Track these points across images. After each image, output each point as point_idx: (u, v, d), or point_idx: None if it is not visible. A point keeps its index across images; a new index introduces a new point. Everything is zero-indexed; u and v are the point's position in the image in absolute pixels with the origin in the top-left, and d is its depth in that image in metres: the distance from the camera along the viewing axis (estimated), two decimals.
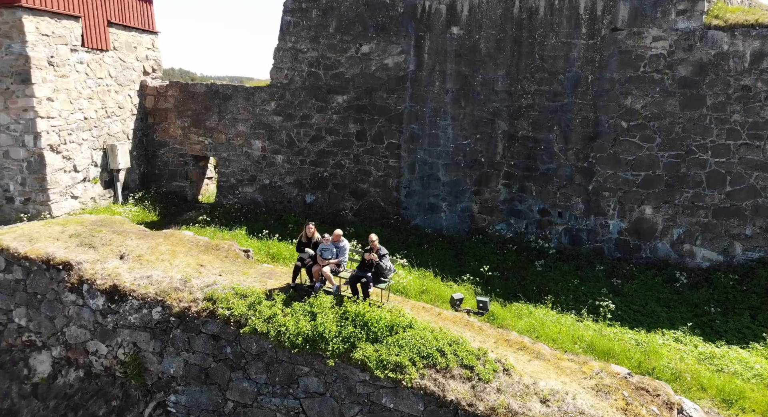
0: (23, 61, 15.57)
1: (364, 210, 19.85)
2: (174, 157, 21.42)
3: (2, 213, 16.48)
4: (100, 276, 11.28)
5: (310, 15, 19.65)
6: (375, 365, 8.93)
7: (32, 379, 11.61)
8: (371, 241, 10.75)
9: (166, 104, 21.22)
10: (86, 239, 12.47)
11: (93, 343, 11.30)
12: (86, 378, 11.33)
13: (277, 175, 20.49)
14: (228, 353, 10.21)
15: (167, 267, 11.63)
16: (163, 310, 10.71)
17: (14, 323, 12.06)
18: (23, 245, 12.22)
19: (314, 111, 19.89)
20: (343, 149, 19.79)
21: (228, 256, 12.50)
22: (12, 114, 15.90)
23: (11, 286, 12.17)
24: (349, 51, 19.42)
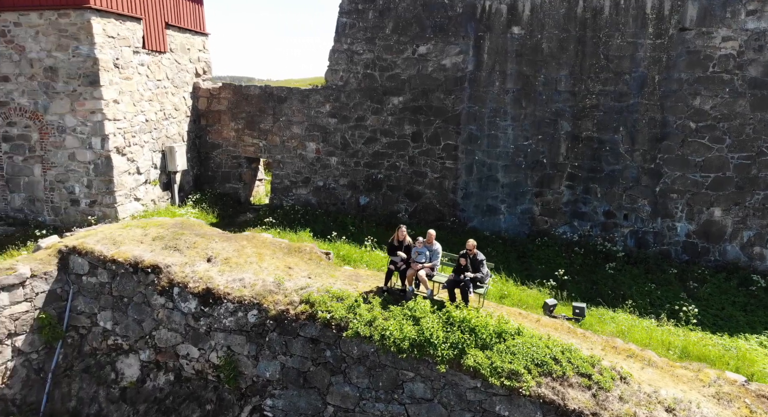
0: (91, 63, 15.60)
1: (419, 212, 19.69)
2: (227, 159, 21.41)
3: (67, 215, 16.52)
4: (192, 279, 11.22)
5: (366, 16, 19.55)
6: (489, 373, 8.77)
7: (120, 383, 11.59)
8: (468, 246, 10.58)
9: (220, 106, 21.21)
10: (170, 242, 12.44)
11: (184, 346, 11.25)
12: (176, 382, 11.29)
13: (331, 177, 20.40)
14: (328, 357, 10.10)
15: (257, 270, 11.56)
16: (259, 313, 10.62)
17: (99, 327, 12.05)
18: (108, 248, 12.21)
19: (369, 113, 19.78)
20: (398, 151, 19.66)
21: (311, 258, 12.40)
22: (79, 116, 15.93)
23: (95, 290, 12.16)
24: (406, 52, 19.29)
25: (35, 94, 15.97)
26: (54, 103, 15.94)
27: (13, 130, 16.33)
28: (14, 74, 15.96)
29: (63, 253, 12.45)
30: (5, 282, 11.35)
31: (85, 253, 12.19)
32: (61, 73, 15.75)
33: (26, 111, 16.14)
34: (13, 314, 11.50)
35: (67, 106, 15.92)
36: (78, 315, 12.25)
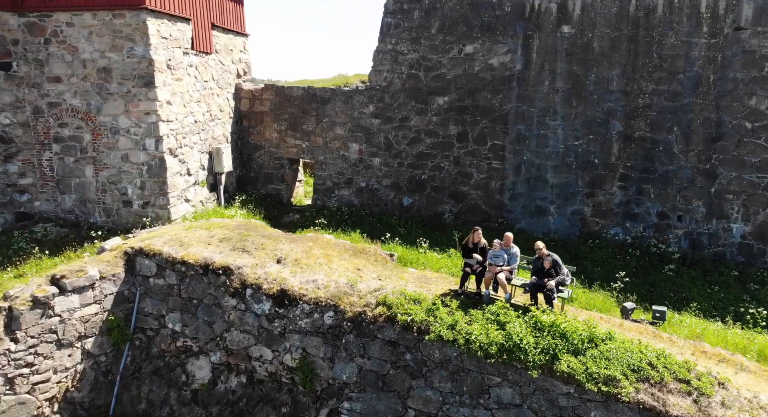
0: (146, 65, 15.58)
1: (465, 213, 19.53)
2: (269, 160, 21.35)
3: (119, 216, 16.52)
4: (265, 280, 11.14)
5: (411, 16, 19.42)
6: (584, 378, 8.61)
7: (191, 385, 11.53)
8: (538, 249, 10.41)
9: (262, 107, 21.16)
10: (238, 243, 12.37)
11: (257, 348, 11.17)
12: (249, 384, 11.21)
13: (373, 177, 20.28)
14: (408, 360, 9.98)
15: (328, 271, 11.46)
16: (335, 314, 10.52)
17: (167, 328, 12.00)
18: (176, 250, 12.16)
19: (413, 113, 19.65)
20: (443, 151, 19.51)
21: (377, 260, 12.29)
22: (133, 117, 15.92)
23: (163, 291, 12.12)
24: (452, 52, 19.14)
25: (88, 95, 15.98)
26: (107, 104, 15.94)
27: (64, 131, 16.35)
28: (66, 75, 15.97)
29: (129, 254, 12.43)
30: (76, 284, 11.32)
31: (153, 254, 12.14)
32: (115, 74, 15.74)
33: (78, 112, 16.15)
34: (83, 316, 11.48)
35: (121, 107, 15.91)
36: (145, 317, 12.21)
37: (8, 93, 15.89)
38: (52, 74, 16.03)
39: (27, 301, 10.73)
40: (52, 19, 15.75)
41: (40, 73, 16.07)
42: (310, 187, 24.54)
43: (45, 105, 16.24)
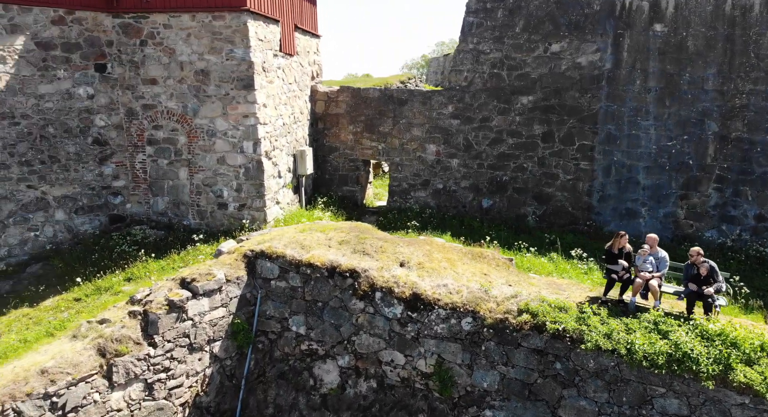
0: (246, 67, 15.54)
1: (549, 215, 19.21)
2: (344, 162, 21.24)
3: (213, 219, 16.53)
4: (396, 284, 10.99)
5: (495, 15, 19.16)
6: (764, 389, 8.29)
7: (320, 389, 11.42)
8: (694, 255, 10.08)
9: (338, 109, 21.06)
10: (357, 246, 12.25)
11: (387, 352, 11.03)
12: (380, 389, 11.07)
13: (451, 179, 20.06)
14: (558, 369, 9.74)
15: (455, 275, 11.27)
16: (474, 321, 10.33)
17: (291, 331, 11.92)
18: (298, 252, 12.08)
19: (495, 113, 19.38)
20: (526, 152, 19.21)
21: (499, 264, 12.08)
22: (231, 120, 15.90)
23: (286, 294, 12.04)
24: (537, 50, 18.84)
25: (184, 97, 15.99)
26: (204, 106, 15.94)
27: (158, 134, 16.40)
28: (162, 77, 16.00)
29: (249, 257, 12.37)
30: (207, 288, 11.29)
31: (276, 257, 12.06)
32: (213, 77, 15.73)
33: (174, 114, 16.18)
34: (212, 320, 11.44)
35: (218, 110, 15.89)
36: (267, 320, 12.15)
37: (103, 95, 15.97)
38: (148, 76, 16.06)
39: (163, 305, 10.72)
40: (149, 20, 15.77)
41: (134, 75, 16.12)
42: (377, 188, 24.45)
43: (139, 107, 16.30)
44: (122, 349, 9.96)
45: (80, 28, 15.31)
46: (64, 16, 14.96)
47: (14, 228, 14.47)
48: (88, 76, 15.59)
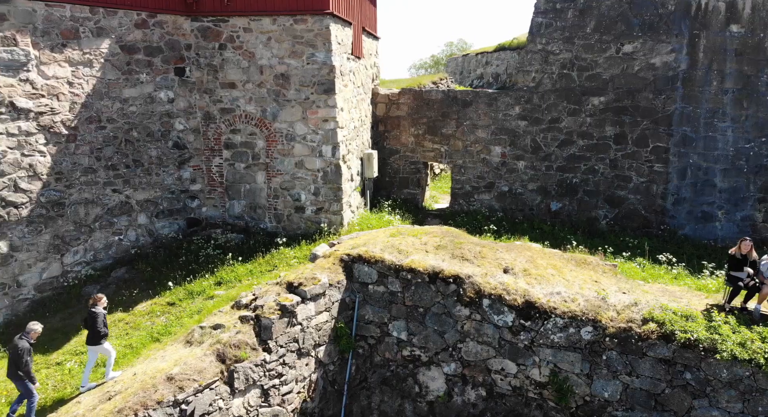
0: (327, 71, 15.47)
1: (621, 218, 18.91)
2: (405, 164, 21.11)
3: (290, 222, 16.50)
4: (505, 291, 10.83)
5: (564, 16, 18.92)
6: None
7: (426, 397, 11.30)
8: None
9: (399, 112, 20.93)
10: (455, 251, 12.11)
11: (497, 360, 10.87)
12: (489, 397, 10.92)
13: (518, 181, 19.84)
14: (688, 379, 9.52)
15: (565, 283, 11.09)
16: (594, 330, 10.13)
17: (392, 337, 11.81)
18: (396, 257, 11.96)
19: (565, 114, 19.13)
20: (598, 153, 18.94)
21: (605, 271, 11.87)
22: (310, 124, 15.84)
23: (385, 299, 11.93)
24: (609, 51, 18.56)
25: (264, 101, 15.97)
26: (284, 110, 15.90)
27: (236, 138, 16.39)
28: (241, 81, 15.99)
29: (345, 261, 12.29)
30: (313, 292, 11.22)
31: (374, 261, 11.96)
32: (293, 81, 15.68)
33: (252, 118, 16.17)
34: (317, 324, 11.37)
35: (298, 114, 15.84)
36: (366, 324, 12.06)
37: (182, 99, 16.01)
38: (227, 80, 16.05)
39: (275, 309, 10.66)
40: (228, 24, 15.76)
41: (213, 79, 16.13)
42: (433, 191, 24.29)
43: (217, 111, 16.30)
44: (242, 355, 9.91)
45: (161, 32, 15.35)
46: (146, 20, 15.01)
47: (100, 232, 14.54)
48: (168, 80, 15.64)
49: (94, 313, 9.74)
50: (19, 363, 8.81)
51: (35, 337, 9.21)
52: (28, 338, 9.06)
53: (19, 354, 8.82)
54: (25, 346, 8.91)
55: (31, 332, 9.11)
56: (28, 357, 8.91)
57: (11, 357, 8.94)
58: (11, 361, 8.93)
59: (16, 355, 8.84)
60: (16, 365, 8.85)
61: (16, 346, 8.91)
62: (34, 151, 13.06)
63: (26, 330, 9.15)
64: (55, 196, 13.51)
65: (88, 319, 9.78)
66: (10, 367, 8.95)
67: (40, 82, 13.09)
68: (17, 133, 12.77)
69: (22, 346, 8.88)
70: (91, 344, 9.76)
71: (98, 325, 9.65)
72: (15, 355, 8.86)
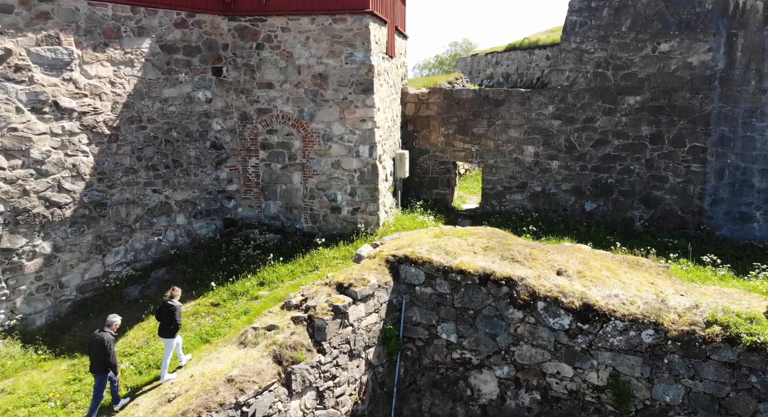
0: (366, 71, 15.36)
1: (657, 219, 18.69)
2: (435, 164, 20.96)
3: (325, 222, 16.39)
4: (561, 293, 10.67)
5: (600, 14, 18.71)
6: None
7: (479, 400, 11.16)
8: None
9: (428, 112, 20.79)
10: (504, 253, 11.96)
11: (552, 364, 10.72)
12: (544, 401, 10.76)
13: (551, 181, 19.65)
14: (753, 382, 9.33)
15: (622, 285, 10.92)
16: (656, 333, 9.96)
17: (441, 339, 11.68)
18: (444, 258, 11.83)
19: (600, 113, 18.93)
20: (633, 153, 18.72)
21: (659, 273, 11.69)
22: (348, 124, 15.73)
23: (433, 301, 11.80)
24: (645, 50, 18.34)
25: (301, 101, 15.87)
26: (321, 110, 15.80)
27: (273, 138, 16.31)
28: (279, 81, 15.90)
29: (391, 262, 12.17)
30: (363, 293, 11.11)
31: (421, 263, 11.84)
32: (331, 81, 15.58)
33: (289, 118, 16.07)
34: (367, 326, 11.26)
35: (335, 114, 15.74)
36: (414, 326, 11.93)
37: (220, 99, 15.94)
38: (264, 80, 15.97)
39: (328, 310, 10.55)
40: (266, 23, 15.68)
41: (250, 79, 16.05)
42: (459, 191, 24.12)
43: (254, 111, 16.23)
44: (298, 356, 9.81)
45: (200, 31, 15.29)
46: (185, 19, 14.95)
47: (140, 233, 14.49)
48: (206, 79, 15.57)
49: (173, 305, 10.02)
50: (105, 355, 9.05)
51: (116, 329, 9.49)
52: (110, 330, 9.32)
53: (105, 346, 9.06)
54: (110, 338, 9.19)
55: (112, 324, 9.41)
56: (113, 348, 9.18)
57: (95, 351, 9.14)
58: (95, 355, 9.13)
59: (102, 348, 9.07)
60: (101, 357, 9.08)
61: (102, 338, 9.15)
62: (77, 151, 13.03)
63: (107, 323, 9.41)
64: (97, 197, 13.47)
65: (163, 311, 10.01)
66: (94, 360, 9.16)
67: (83, 82, 13.06)
68: (61, 133, 12.74)
69: (107, 338, 9.16)
70: (166, 336, 10.00)
71: (177, 317, 9.92)
72: (100, 347, 9.08)
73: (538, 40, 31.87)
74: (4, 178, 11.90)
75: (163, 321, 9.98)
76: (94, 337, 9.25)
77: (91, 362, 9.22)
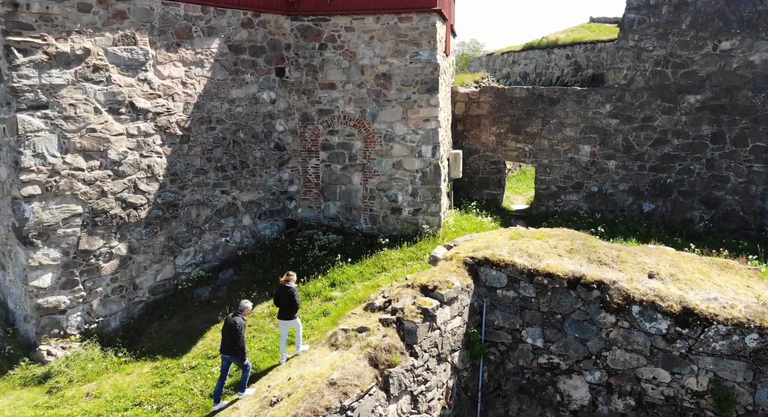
0: (431, 70, 15.20)
1: (718, 220, 18.32)
2: (485, 164, 20.74)
3: (385, 223, 16.25)
4: (658, 297, 10.41)
5: (659, 12, 18.39)
6: None
7: (569, 406, 10.94)
8: None
9: (479, 111, 20.58)
10: (590, 255, 11.72)
11: (648, 369, 10.46)
12: (638, 407, 10.52)
13: (608, 182, 19.35)
14: None
15: (718, 288, 10.65)
16: (760, 336, 9.68)
17: (526, 344, 11.46)
18: (528, 261, 11.62)
19: (658, 112, 18.60)
20: (693, 153, 18.38)
21: (750, 275, 11.38)
22: (411, 124, 15.58)
23: (516, 304, 11.59)
24: (705, 48, 17.99)
25: (363, 101, 15.74)
26: (384, 111, 15.66)
27: (333, 139, 16.20)
28: (341, 81, 15.79)
29: (469, 264, 11.97)
30: (449, 296, 10.93)
31: (504, 265, 11.63)
32: (395, 80, 15.44)
33: (351, 119, 15.95)
34: (452, 329, 11.08)
35: (398, 114, 15.59)
36: (496, 330, 11.73)
37: (282, 100, 15.87)
38: (326, 81, 15.86)
39: (417, 313, 10.38)
40: (330, 23, 15.57)
41: (312, 80, 15.95)
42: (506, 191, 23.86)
43: (315, 112, 16.13)
44: (394, 360, 9.65)
45: (264, 32, 15.22)
46: (252, 19, 14.89)
47: (209, 234, 14.43)
48: (270, 80, 15.50)
49: (291, 288, 10.38)
50: (237, 338, 9.30)
51: (247, 314, 9.85)
52: (242, 316, 9.65)
53: (237, 329, 9.37)
54: (242, 323, 9.49)
55: (244, 310, 9.73)
56: (244, 333, 9.48)
57: (229, 333, 9.43)
58: (228, 337, 9.43)
59: (235, 331, 9.36)
60: (233, 340, 9.36)
61: (235, 322, 9.45)
62: (151, 152, 12.99)
63: (240, 308, 9.73)
64: (170, 198, 13.43)
65: (281, 295, 10.51)
66: (227, 343, 9.47)
67: (157, 82, 13.02)
68: (137, 134, 12.71)
69: (240, 322, 9.47)
70: (286, 318, 10.41)
71: (297, 298, 10.38)
72: (233, 330, 9.37)
73: (557, 40, 31.59)
74: (83, 179, 11.89)
75: (282, 304, 10.41)
76: (228, 321, 9.54)
77: (223, 344, 9.54)
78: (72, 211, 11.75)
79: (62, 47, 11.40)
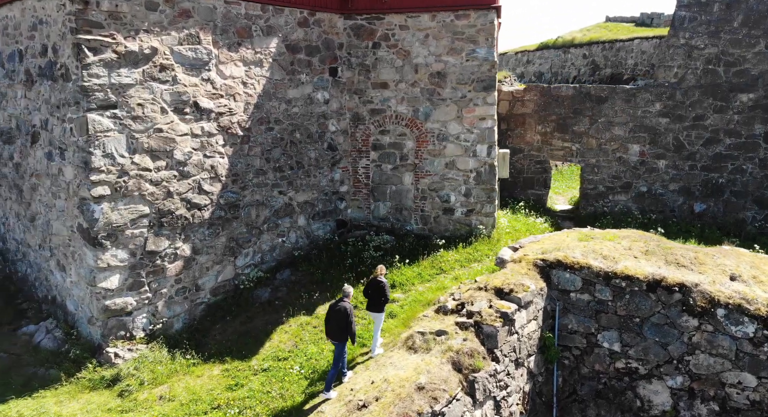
0: (488, 67, 15.00)
1: None
2: (530, 164, 20.49)
3: (437, 224, 16.07)
4: (744, 299, 10.17)
5: (710, 9, 18.06)
6: None
7: (650, 411, 10.71)
8: None
9: (524, 109, 20.34)
10: (667, 257, 11.48)
11: (733, 373, 10.22)
12: (722, 412, 10.28)
13: (658, 181, 19.03)
14: None
15: None
16: None
17: (602, 348, 11.24)
18: (604, 263, 11.39)
19: (710, 111, 18.27)
20: (746, 152, 18.03)
21: None
22: (465, 123, 15.39)
23: (591, 307, 11.37)
24: (758, 46, 17.64)
25: (416, 101, 15.57)
26: (437, 110, 15.47)
27: (384, 139, 16.03)
28: (394, 81, 15.62)
29: (540, 267, 11.76)
30: (526, 299, 10.74)
31: (578, 268, 11.41)
32: (450, 79, 15.24)
33: (403, 118, 15.78)
34: (528, 333, 10.88)
35: (452, 113, 15.40)
36: (570, 334, 11.52)
37: (335, 100, 15.72)
38: (378, 80, 15.70)
39: (496, 317, 10.20)
40: (383, 21, 15.40)
41: (364, 79, 15.79)
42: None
43: (366, 112, 15.97)
44: (477, 364, 9.48)
45: (319, 31, 15.08)
46: (307, 18, 14.75)
47: (267, 234, 14.32)
48: (324, 80, 15.36)
49: (382, 282, 10.58)
50: (348, 324, 9.53)
51: (351, 298, 10.10)
52: (348, 300, 9.86)
53: (347, 314, 9.55)
54: (351, 308, 9.73)
55: (349, 295, 10.00)
56: (353, 317, 9.72)
57: (338, 318, 9.60)
58: (335, 323, 9.61)
59: (345, 316, 9.55)
60: (344, 326, 9.52)
61: (345, 307, 9.64)
62: (214, 152, 12.90)
63: (345, 293, 10.00)
64: (232, 198, 13.33)
65: (372, 287, 10.63)
66: (334, 328, 9.63)
67: (219, 82, 12.92)
68: (200, 134, 12.61)
69: (349, 308, 9.69)
70: (376, 311, 10.62)
71: (387, 291, 10.54)
72: (343, 316, 9.57)
73: (573, 39, 31.21)
74: (150, 179, 11.81)
75: (372, 296, 10.59)
76: (337, 306, 9.72)
77: (332, 330, 9.69)
78: (140, 212, 11.67)
79: (131, 46, 11.32)
